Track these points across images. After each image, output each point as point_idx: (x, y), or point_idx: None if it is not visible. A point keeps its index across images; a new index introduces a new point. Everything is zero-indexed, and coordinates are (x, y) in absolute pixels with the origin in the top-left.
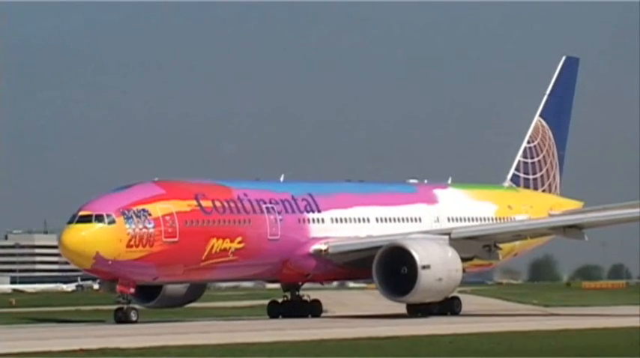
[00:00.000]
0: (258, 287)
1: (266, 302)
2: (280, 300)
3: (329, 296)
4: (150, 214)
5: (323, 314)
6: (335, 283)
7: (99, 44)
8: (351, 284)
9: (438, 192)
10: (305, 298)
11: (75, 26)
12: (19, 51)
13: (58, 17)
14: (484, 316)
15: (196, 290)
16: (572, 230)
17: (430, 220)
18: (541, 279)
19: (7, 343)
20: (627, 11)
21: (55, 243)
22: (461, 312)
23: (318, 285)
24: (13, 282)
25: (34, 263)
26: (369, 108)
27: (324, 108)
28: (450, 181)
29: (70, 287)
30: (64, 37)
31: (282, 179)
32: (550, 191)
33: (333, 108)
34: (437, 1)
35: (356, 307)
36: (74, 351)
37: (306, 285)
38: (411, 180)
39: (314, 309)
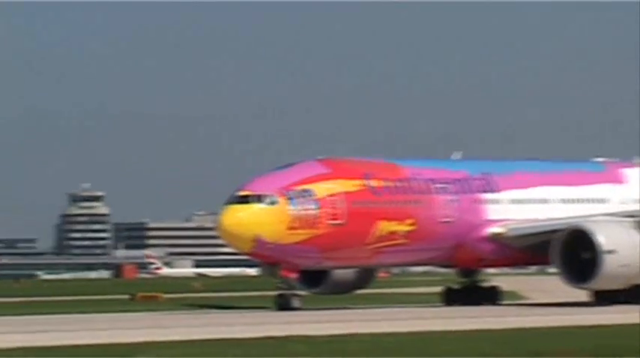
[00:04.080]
0: (452, 271)
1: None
2: (456, 287)
3: (527, 283)
4: (314, 194)
5: (502, 302)
6: (534, 268)
7: None
8: (551, 269)
9: (628, 171)
10: (483, 284)
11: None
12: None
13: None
14: None
15: (366, 276)
16: None
17: (617, 202)
18: None
19: (192, 329)
20: None
21: None
22: None
23: (512, 271)
24: (197, 266)
25: (218, 246)
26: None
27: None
28: None
29: (255, 271)
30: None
31: (456, 157)
32: None
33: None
34: None
35: (555, 294)
36: (261, 339)
37: (497, 271)
38: (598, 159)
39: (492, 296)
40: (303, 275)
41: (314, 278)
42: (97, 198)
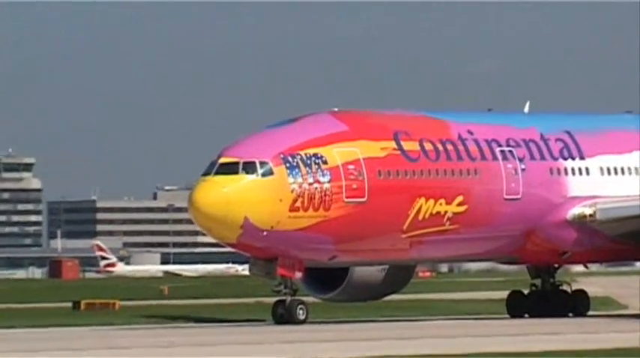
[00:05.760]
0: (522, 270)
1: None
2: (526, 291)
3: (626, 285)
4: (325, 162)
5: (591, 312)
6: (636, 265)
7: None
8: None
9: None
10: (564, 288)
11: None
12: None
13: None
14: None
15: (399, 276)
16: None
17: None
18: None
19: (159, 350)
20: None
21: None
22: None
23: (605, 269)
24: (165, 262)
25: (196, 233)
26: None
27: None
28: None
29: (246, 269)
30: None
31: (526, 109)
32: None
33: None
34: None
35: None
36: None
37: (583, 269)
38: None
39: (577, 304)
40: (311, 274)
41: (326, 279)
42: (25, 167)
